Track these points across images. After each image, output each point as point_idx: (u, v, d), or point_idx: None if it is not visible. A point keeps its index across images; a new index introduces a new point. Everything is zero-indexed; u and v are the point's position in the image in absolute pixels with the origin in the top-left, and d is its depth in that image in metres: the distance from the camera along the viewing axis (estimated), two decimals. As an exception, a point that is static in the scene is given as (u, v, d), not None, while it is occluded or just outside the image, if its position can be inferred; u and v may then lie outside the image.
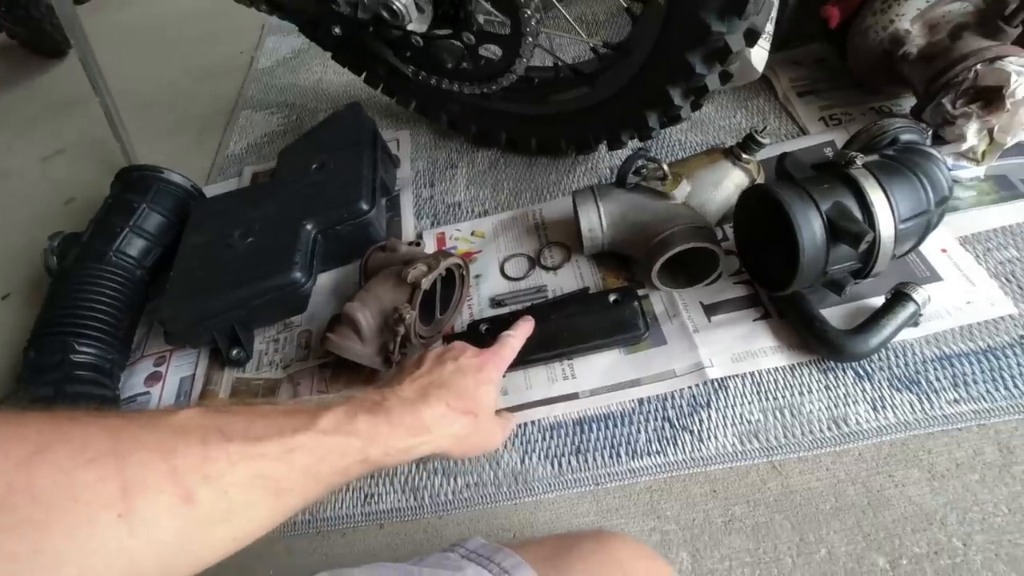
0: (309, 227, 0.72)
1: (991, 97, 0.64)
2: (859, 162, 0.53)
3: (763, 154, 0.66)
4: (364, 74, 0.89)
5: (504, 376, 0.64)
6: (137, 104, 1.22)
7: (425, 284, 0.62)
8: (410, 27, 0.60)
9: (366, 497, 0.60)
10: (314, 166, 0.79)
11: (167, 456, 0.27)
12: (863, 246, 0.50)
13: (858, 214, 0.51)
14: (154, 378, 0.74)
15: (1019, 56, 0.63)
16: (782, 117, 0.83)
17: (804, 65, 0.87)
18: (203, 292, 0.69)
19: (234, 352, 0.71)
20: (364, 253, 0.72)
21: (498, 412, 0.52)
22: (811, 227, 0.51)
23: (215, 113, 1.18)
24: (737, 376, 0.60)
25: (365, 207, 0.73)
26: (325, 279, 0.78)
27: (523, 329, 0.59)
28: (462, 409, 0.45)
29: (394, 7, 0.57)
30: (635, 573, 0.38)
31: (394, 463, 0.40)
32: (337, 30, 0.66)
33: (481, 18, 0.62)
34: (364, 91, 1.00)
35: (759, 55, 0.78)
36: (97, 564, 0.24)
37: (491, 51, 0.65)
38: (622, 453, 0.58)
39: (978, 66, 0.64)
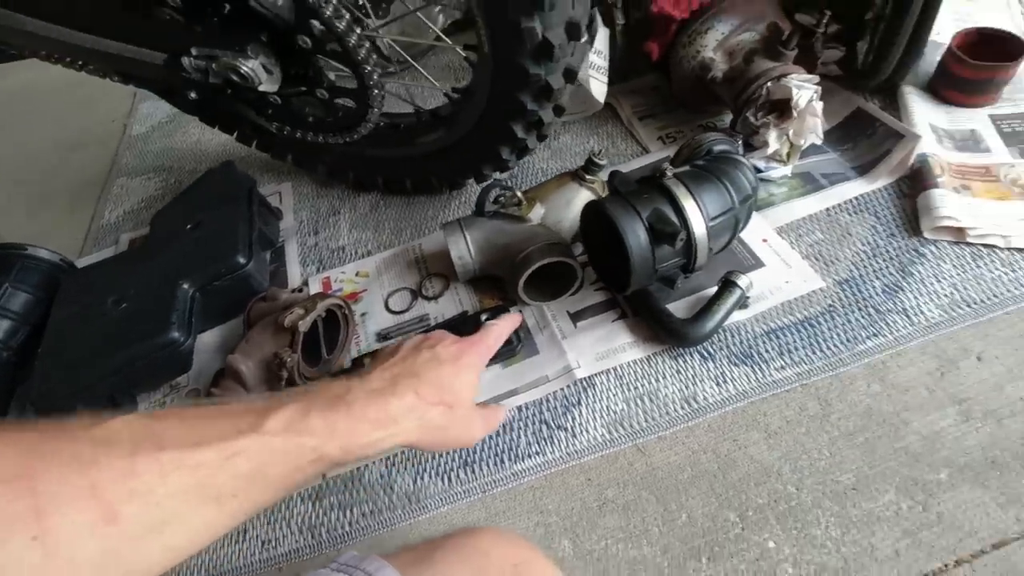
0: (186, 286, 0.73)
1: (783, 108, 0.76)
2: (670, 173, 0.61)
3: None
4: (236, 133, 0.91)
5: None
6: (4, 181, 1.17)
7: (303, 327, 0.64)
8: (262, 88, 0.63)
9: (263, 544, 0.61)
10: (189, 226, 0.80)
11: (85, 471, 0.25)
12: (679, 243, 0.58)
13: (673, 217, 0.59)
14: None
15: (798, 73, 0.75)
16: (628, 139, 0.93)
17: (642, 93, 0.98)
18: (75, 364, 0.68)
19: (116, 421, 0.69)
20: (247, 306, 0.74)
21: (485, 405, 0.50)
22: (636, 233, 0.58)
23: (88, 183, 1.15)
24: (602, 373, 0.66)
25: (242, 260, 0.75)
26: (211, 336, 0.78)
27: (510, 319, 0.56)
28: (434, 399, 0.42)
29: (242, 71, 0.60)
30: (497, 556, 0.41)
31: (357, 458, 0.38)
32: (193, 95, 0.68)
33: (332, 74, 0.67)
34: (241, 148, 1.02)
35: (598, 88, 0.88)
36: None
37: (346, 103, 0.69)
38: (505, 459, 0.62)
39: (768, 84, 0.75)
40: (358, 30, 0.57)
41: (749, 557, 0.53)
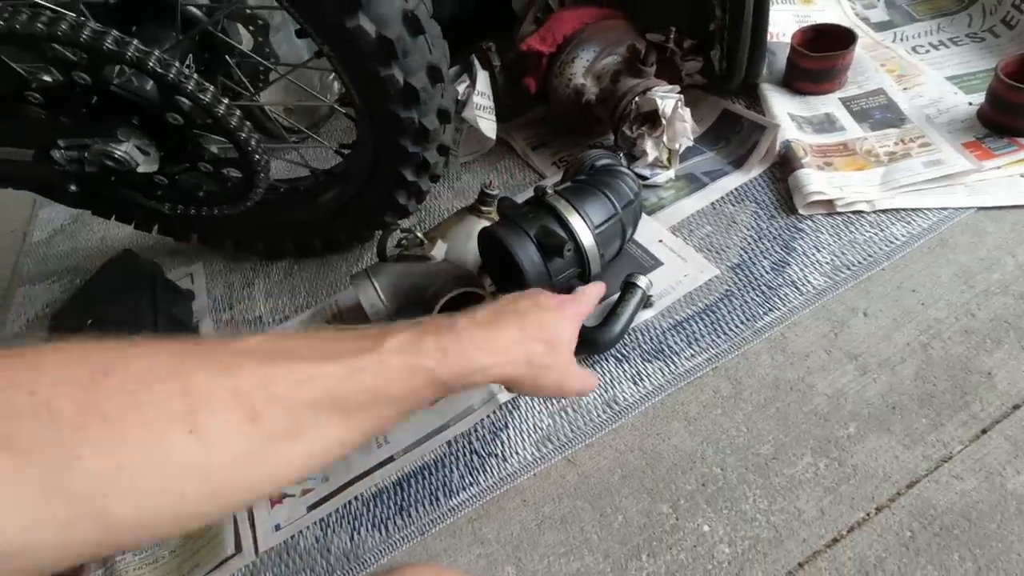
0: (90, 382, 0.70)
1: (654, 119, 0.81)
2: (550, 190, 0.64)
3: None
4: (133, 222, 0.90)
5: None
6: None
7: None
8: (141, 170, 0.64)
9: (197, 637, 0.57)
10: (89, 321, 0.77)
11: (231, 374, 0.28)
12: (568, 254, 0.60)
13: (559, 231, 0.62)
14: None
15: (660, 85, 0.81)
16: (525, 169, 0.97)
17: (532, 125, 1.03)
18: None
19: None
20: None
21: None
22: (526, 250, 0.61)
23: (-13, 299, 1.10)
24: (524, 393, 0.67)
25: (147, 346, 0.72)
26: (127, 430, 0.75)
27: (597, 285, 0.59)
28: (538, 335, 0.44)
29: (116, 155, 0.60)
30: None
31: (466, 385, 0.39)
32: (74, 187, 0.67)
33: (214, 147, 0.68)
34: (150, 236, 1.00)
35: (488, 126, 0.92)
36: (176, 477, 0.25)
37: (234, 172, 0.70)
38: (440, 496, 0.61)
39: (636, 99, 0.81)
40: (225, 100, 0.58)
41: (687, 545, 0.53)
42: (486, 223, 0.76)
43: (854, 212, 0.74)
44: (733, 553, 0.52)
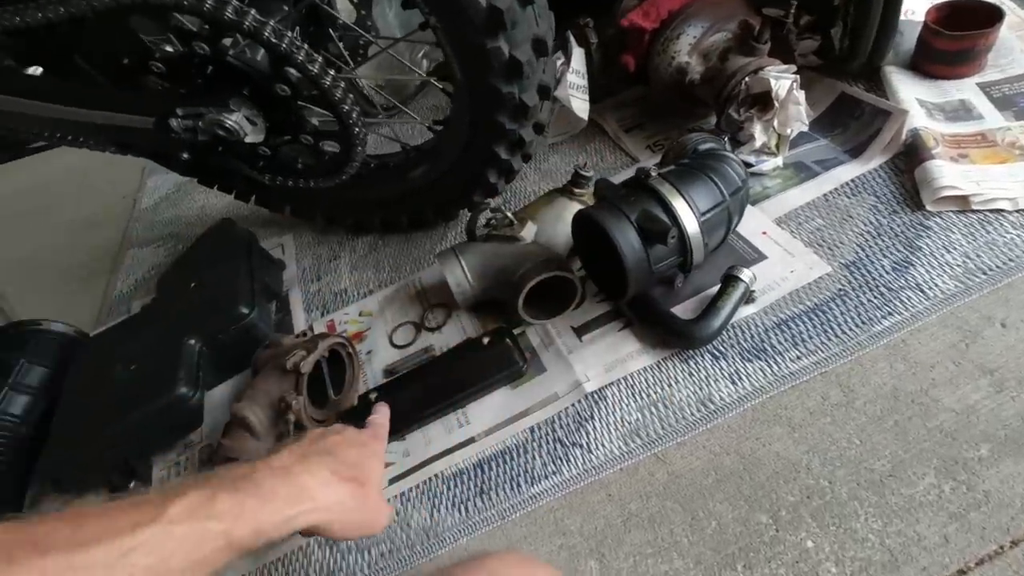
0: (192, 341, 0.74)
1: (764, 101, 0.75)
2: (654, 173, 0.61)
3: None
4: (233, 192, 0.94)
5: (404, 439, 0.66)
6: (21, 266, 1.21)
7: (305, 368, 0.64)
8: (248, 140, 0.65)
9: (282, 597, 0.59)
10: (192, 284, 0.81)
11: None
12: (671, 241, 0.57)
13: (663, 216, 0.59)
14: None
15: (775, 65, 0.75)
16: (616, 152, 0.93)
17: (626, 106, 0.99)
18: (88, 432, 0.68)
19: (131, 485, 0.69)
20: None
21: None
22: (626, 235, 0.58)
23: (101, 259, 1.19)
24: (612, 384, 0.64)
25: (245, 311, 0.75)
26: (222, 391, 0.78)
27: (383, 409, 0.59)
28: (347, 476, 0.42)
29: (227, 125, 0.62)
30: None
31: (267, 540, 0.36)
32: (186, 155, 0.70)
33: (315, 120, 0.69)
34: (244, 207, 1.04)
35: (580, 106, 0.89)
36: None
37: (332, 146, 0.71)
38: (522, 483, 0.60)
39: (746, 79, 0.75)
40: (332, 72, 0.58)
41: (787, 560, 0.50)
42: (578, 206, 0.73)
43: (993, 210, 0.67)
44: (840, 573, 0.48)
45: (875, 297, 0.63)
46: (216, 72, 0.62)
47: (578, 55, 0.87)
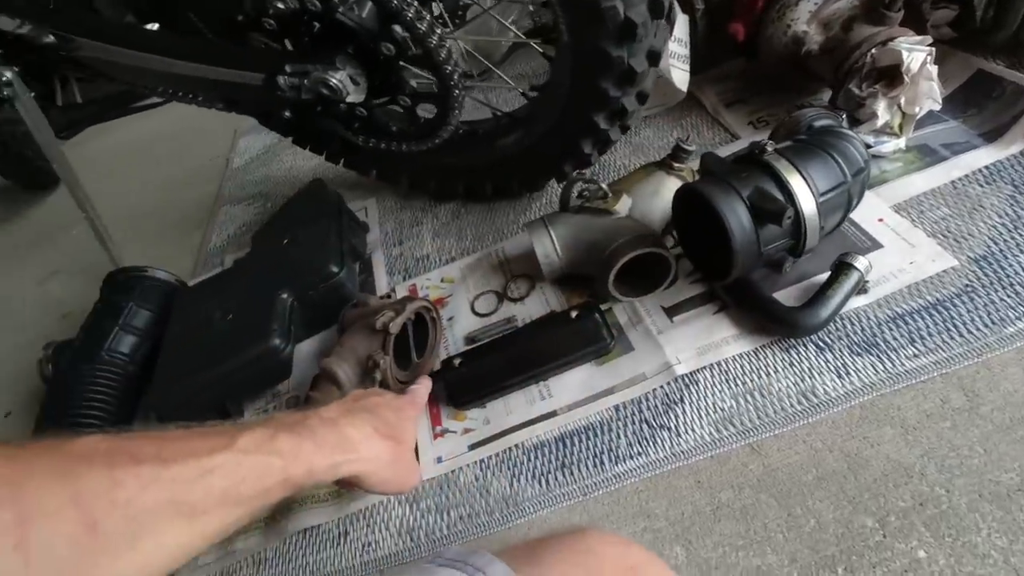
0: (284, 296, 0.76)
1: (891, 75, 0.69)
2: (770, 148, 0.57)
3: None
4: (324, 153, 0.95)
5: (484, 406, 0.66)
6: (125, 216, 1.29)
7: (393, 328, 0.65)
8: (350, 99, 0.66)
9: (364, 547, 0.61)
10: (285, 241, 0.84)
11: (68, 481, 0.26)
12: (786, 221, 0.53)
13: (778, 194, 0.55)
14: (152, 467, 0.76)
15: (907, 35, 0.69)
16: (714, 127, 0.88)
17: (729, 79, 0.93)
18: (188, 374, 0.72)
19: (225, 427, 0.73)
20: (340, 314, 0.75)
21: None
22: (736, 213, 0.54)
23: (197, 214, 1.25)
24: (705, 368, 0.61)
25: (335, 270, 0.77)
26: (307, 346, 0.81)
27: (426, 381, 0.64)
28: (387, 434, 0.46)
29: (331, 83, 0.63)
30: (611, 558, 0.38)
31: (315, 483, 0.39)
32: (288, 114, 0.72)
33: (414, 82, 0.68)
34: (330, 170, 1.07)
35: (680, 76, 0.85)
36: None
37: (427, 109, 0.70)
38: (605, 460, 0.59)
39: (873, 50, 0.69)
40: (439, 31, 0.57)
41: (895, 568, 0.46)
42: (677, 181, 0.70)
43: None
44: (955, 590, 0.44)
45: (1009, 296, 0.57)
46: (323, 30, 0.62)
47: (682, 22, 0.83)
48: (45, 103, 0.90)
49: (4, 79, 0.79)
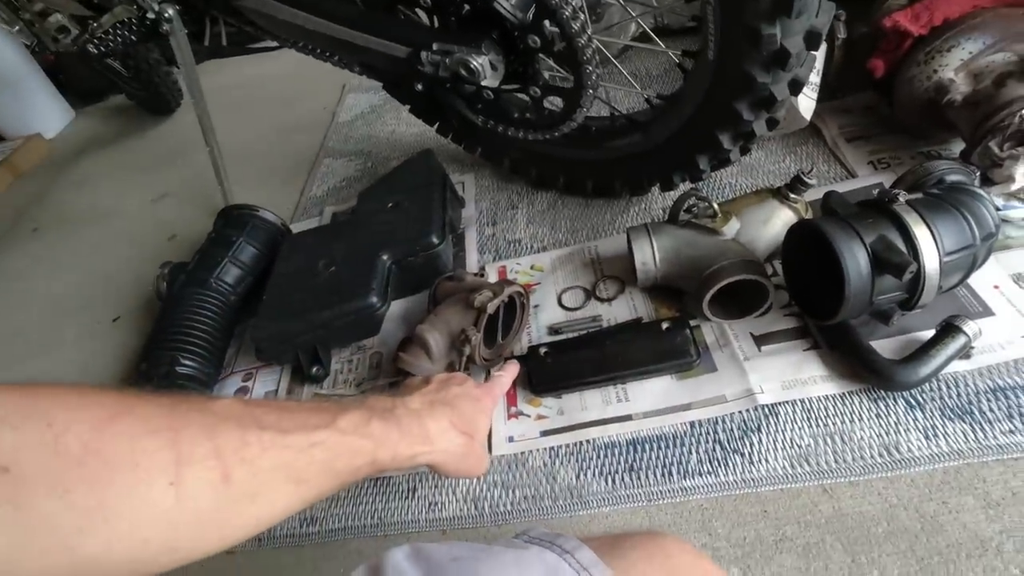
0: (385, 258, 0.80)
1: (1037, 139, 0.66)
2: (902, 199, 0.56)
3: (812, 196, 0.70)
4: (436, 124, 0.99)
5: (560, 397, 0.69)
6: (232, 155, 1.36)
7: (490, 309, 0.68)
8: (485, 83, 0.68)
9: (430, 505, 0.65)
10: (390, 205, 0.88)
11: (213, 435, 0.30)
12: (907, 276, 0.53)
13: (902, 247, 0.54)
14: (242, 392, 0.82)
15: (1064, 101, 0.65)
16: (831, 161, 0.86)
17: (853, 112, 0.91)
18: (291, 314, 0.78)
19: (314, 370, 0.78)
20: (433, 283, 0.79)
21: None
22: (855, 258, 0.54)
23: (300, 161, 1.31)
24: (787, 402, 0.62)
25: (436, 241, 0.81)
26: (395, 307, 0.85)
27: (511, 370, 0.64)
28: (461, 428, 0.48)
29: (472, 66, 0.65)
30: (685, 564, 0.40)
31: (395, 468, 0.43)
32: (419, 87, 0.75)
33: (547, 74, 0.70)
34: (433, 140, 1.10)
35: (806, 104, 0.83)
36: (145, 523, 0.27)
37: (553, 103, 0.72)
38: (674, 472, 0.61)
39: (1023, 111, 0.66)
40: (588, 31, 0.59)
41: (956, 636, 0.47)
42: (789, 212, 0.70)
43: None
44: (1017, 671, 0.45)
45: None
46: (474, 13, 0.65)
47: (819, 49, 0.81)
48: (192, 41, 0.96)
49: (167, 15, 0.86)
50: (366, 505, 0.67)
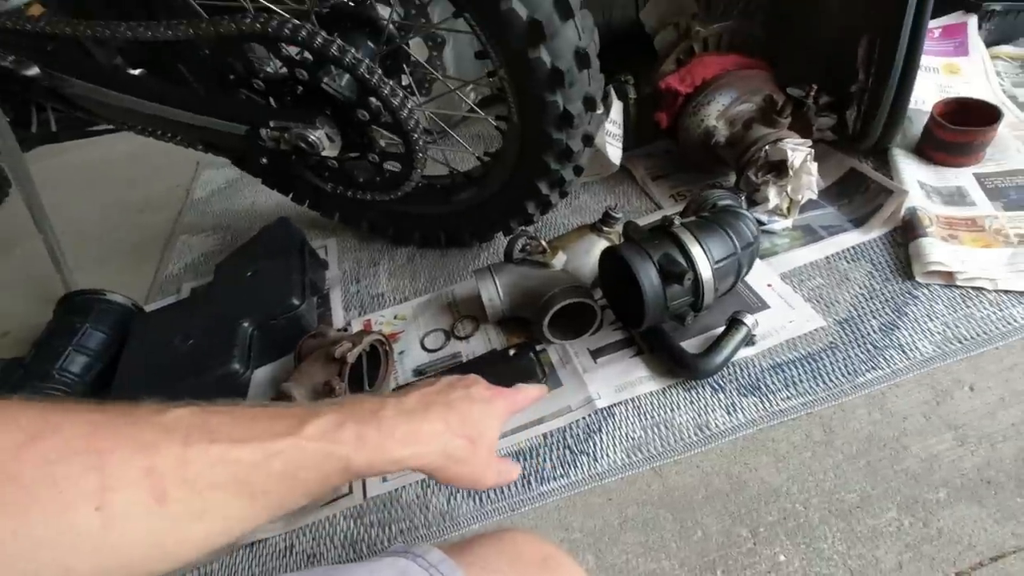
0: (246, 324, 0.82)
1: (780, 168, 0.84)
2: (677, 222, 0.69)
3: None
4: (291, 194, 1.03)
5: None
6: (78, 239, 1.30)
7: (350, 358, 0.72)
8: (325, 154, 0.74)
9: (308, 558, 0.66)
10: (248, 273, 0.90)
11: (149, 454, 0.28)
12: (687, 283, 0.65)
13: (681, 260, 0.67)
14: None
15: (792, 137, 0.84)
16: (642, 197, 1.02)
17: (655, 156, 1.09)
18: (146, 391, 0.76)
19: (178, 446, 0.76)
20: (298, 344, 0.82)
21: (503, 459, 0.50)
22: (648, 274, 0.66)
23: (153, 240, 1.28)
24: (621, 403, 0.72)
25: (296, 302, 0.84)
26: (263, 372, 0.86)
27: (539, 388, 0.56)
28: (460, 431, 0.44)
29: (310, 139, 0.71)
30: (528, 549, 0.46)
31: (377, 473, 0.40)
32: (264, 160, 0.79)
33: (383, 141, 0.78)
34: (292, 209, 1.14)
35: (614, 152, 0.98)
36: (70, 551, 0.26)
37: (393, 166, 0.80)
38: (532, 481, 0.67)
39: (766, 147, 0.84)
40: (409, 105, 0.68)
41: (761, 569, 0.57)
42: (605, 242, 0.82)
43: (974, 288, 0.75)
44: (806, 587, 0.55)
45: (862, 352, 0.71)
46: (306, 93, 0.72)
47: (616, 107, 0.97)
48: (19, 128, 0.93)
49: (-14, 106, 0.84)
50: (242, 573, 0.66)
